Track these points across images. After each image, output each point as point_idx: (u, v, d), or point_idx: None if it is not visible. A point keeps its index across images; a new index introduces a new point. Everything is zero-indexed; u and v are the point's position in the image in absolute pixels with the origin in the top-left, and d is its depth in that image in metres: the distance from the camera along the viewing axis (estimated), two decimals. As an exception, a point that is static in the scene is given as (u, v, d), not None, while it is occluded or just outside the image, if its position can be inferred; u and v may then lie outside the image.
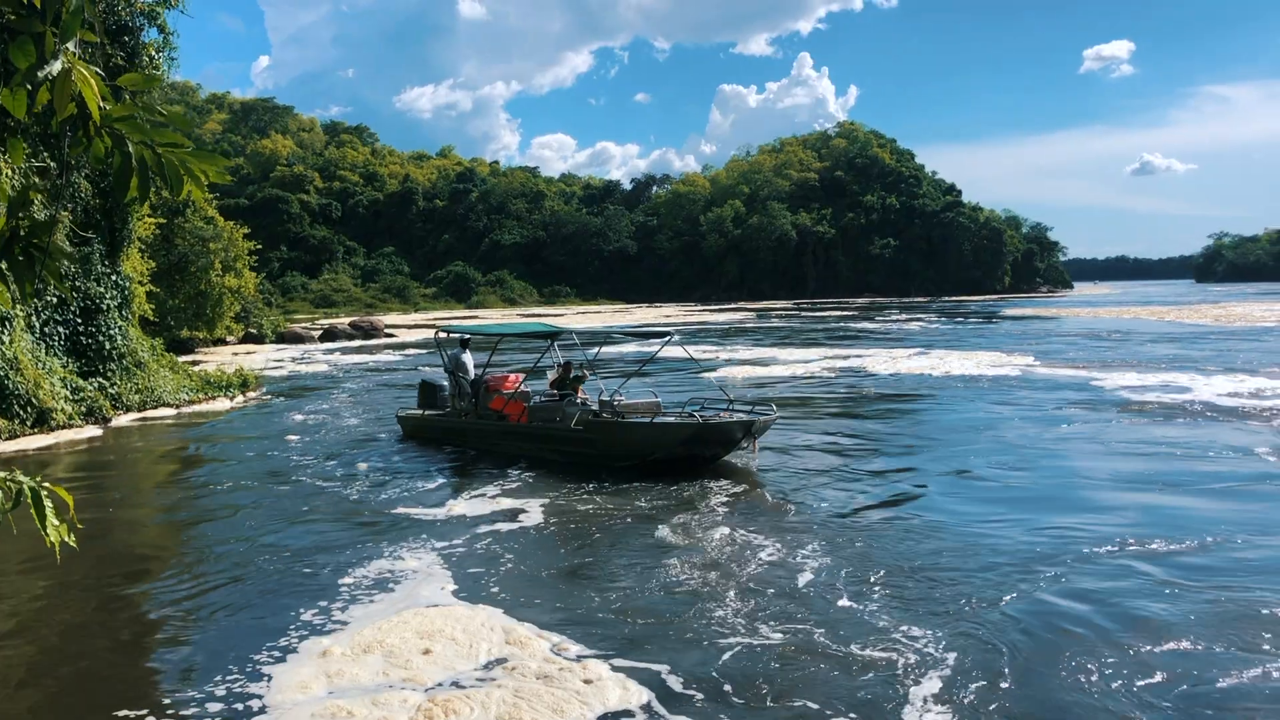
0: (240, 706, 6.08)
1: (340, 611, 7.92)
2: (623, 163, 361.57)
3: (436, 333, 19.54)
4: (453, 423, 17.20)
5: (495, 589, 8.56)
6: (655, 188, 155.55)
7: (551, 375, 17.10)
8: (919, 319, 68.23)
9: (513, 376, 17.51)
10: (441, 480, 14.01)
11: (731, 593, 8.26)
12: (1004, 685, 6.25)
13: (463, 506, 11.98)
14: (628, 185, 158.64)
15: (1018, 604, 7.80)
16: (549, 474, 14.10)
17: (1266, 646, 6.84)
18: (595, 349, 18.13)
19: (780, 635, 7.17)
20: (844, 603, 7.89)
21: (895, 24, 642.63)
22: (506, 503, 12.19)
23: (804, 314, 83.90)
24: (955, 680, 6.33)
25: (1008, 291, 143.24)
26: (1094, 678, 6.35)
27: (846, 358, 34.45)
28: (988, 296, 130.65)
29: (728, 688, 6.29)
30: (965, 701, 6.01)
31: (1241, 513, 10.95)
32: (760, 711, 5.95)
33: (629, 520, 11.19)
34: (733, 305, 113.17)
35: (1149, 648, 6.84)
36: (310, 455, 16.20)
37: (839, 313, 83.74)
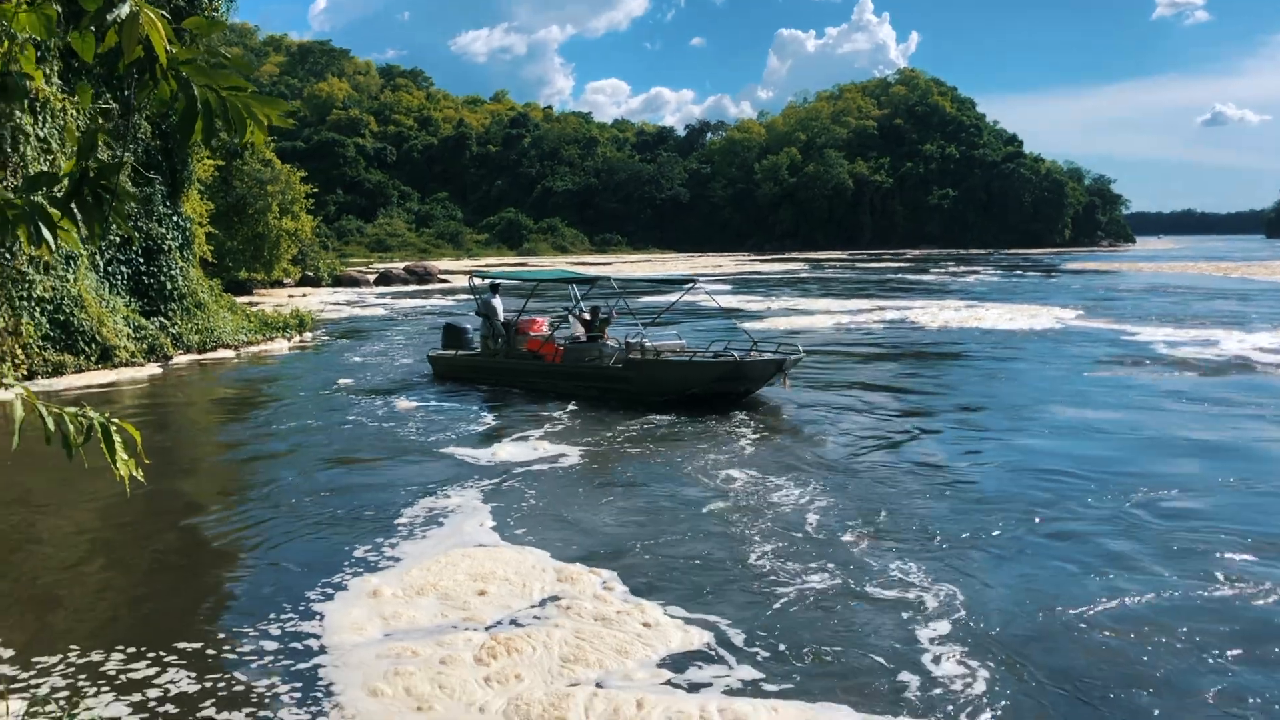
0: (299, 646, 6.15)
1: (390, 549, 8.05)
2: (677, 109, 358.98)
3: (470, 277, 20.35)
4: (488, 362, 17.90)
5: (539, 530, 8.69)
6: (709, 134, 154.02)
7: (575, 321, 17.68)
8: (975, 271, 67.32)
9: (539, 320, 18.52)
10: (485, 421, 14.25)
11: (767, 535, 8.36)
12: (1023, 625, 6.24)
13: (506, 448, 12.16)
14: (681, 132, 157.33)
15: (1014, 538, 7.77)
16: (586, 415, 14.44)
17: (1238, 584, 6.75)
18: (618, 300, 18.81)
19: (817, 580, 7.20)
20: (866, 544, 7.91)
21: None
22: (547, 444, 12.38)
23: (858, 265, 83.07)
24: (969, 621, 6.33)
25: (1068, 245, 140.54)
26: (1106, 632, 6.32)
27: (895, 309, 34.34)
28: (1047, 250, 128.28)
29: (776, 633, 6.34)
30: (985, 640, 6.01)
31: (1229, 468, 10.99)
32: (808, 658, 5.99)
33: (663, 463, 11.37)
34: (786, 255, 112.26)
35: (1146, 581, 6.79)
36: (362, 394, 16.47)
37: (894, 264, 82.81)
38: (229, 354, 22.09)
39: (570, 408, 15.07)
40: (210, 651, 6.06)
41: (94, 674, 5.70)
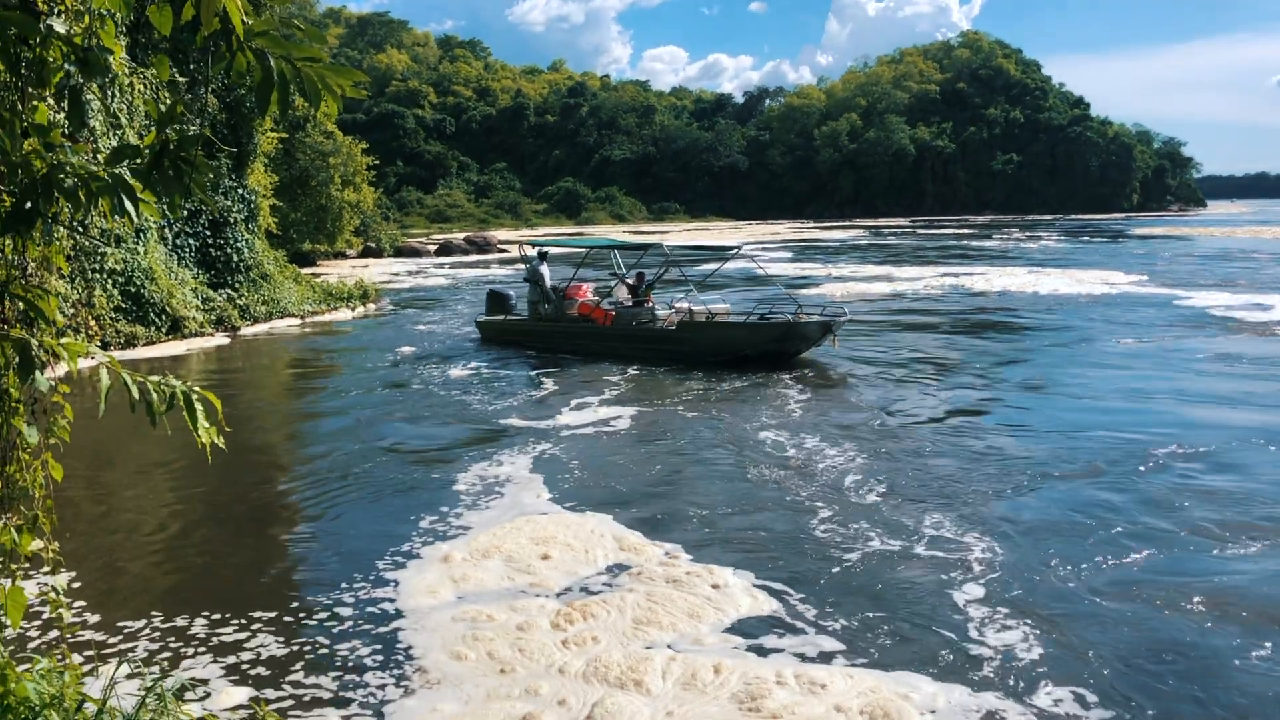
0: (376, 610, 6.29)
1: (455, 518, 8.18)
2: (735, 75, 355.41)
3: (520, 246, 21.02)
4: (539, 326, 18.50)
5: (597, 496, 8.84)
6: (768, 101, 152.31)
7: (618, 287, 18.39)
8: (1038, 237, 66.06)
9: (585, 286, 18.98)
10: (539, 388, 14.53)
11: (820, 500, 8.45)
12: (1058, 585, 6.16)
13: (562, 415, 12.42)
14: (739, 99, 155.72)
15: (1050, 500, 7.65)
16: (636, 380, 14.94)
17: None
18: (665, 267, 19.61)
19: (876, 545, 7.17)
20: (915, 508, 7.84)
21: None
22: (603, 410, 12.64)
23: (920, 231, 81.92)
24: (1020, 591, 6.26)
25: (1136, 210, 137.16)
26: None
27: (952, 275, 34.23)
28: (1114, 215, 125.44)
29: (842, 600, 6.35)
30: (1039, 614, 5.94)
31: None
32: (875, 625, 5.98)
33: (714, 428, 11.60)
34: (846, 222, 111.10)
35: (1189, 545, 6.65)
36: (423, 362, 16.71)
37: (957, 231, 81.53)
38: (295, 324, 22.45)
39: (619, 372, 15.46)
40: (289, 618, 6.21)
41: (183, 638, 5.88)
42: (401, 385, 14.72)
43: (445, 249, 57.38)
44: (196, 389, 2.76)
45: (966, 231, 79.59)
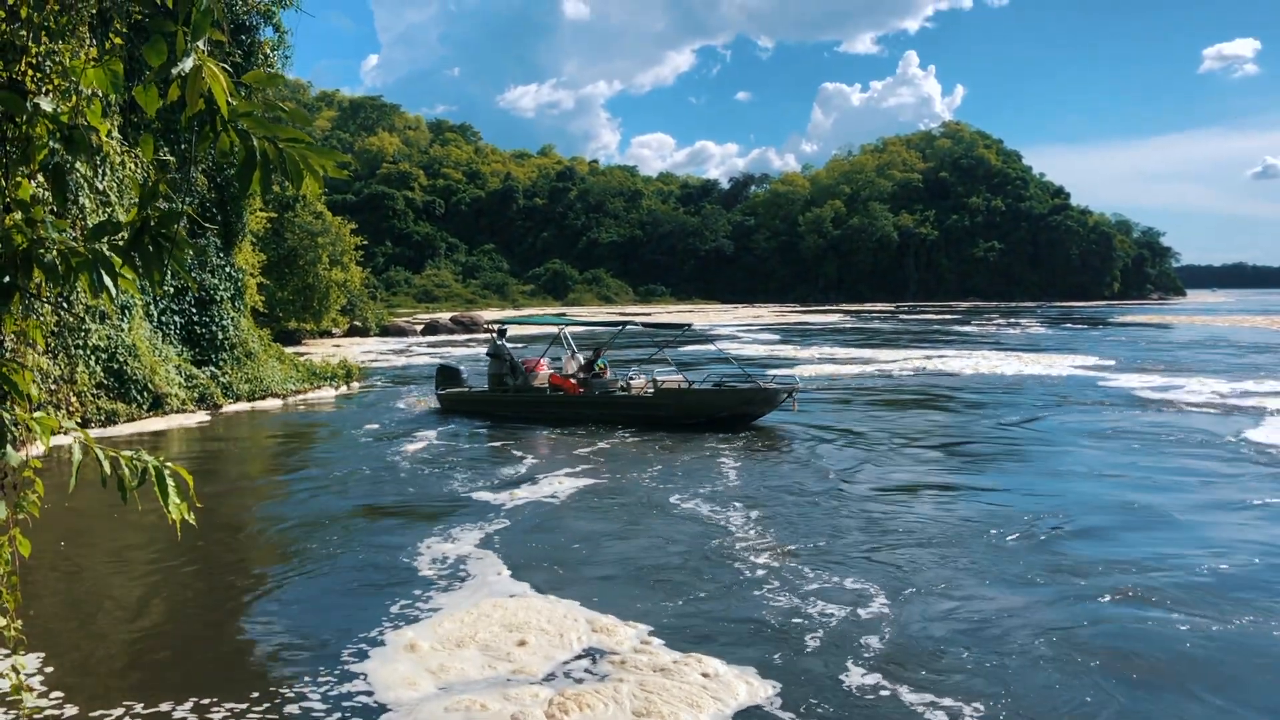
0: (356, 704, 6.07)
1: (422, 603, 7.97)
2: (721, 162, 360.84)
3: (487, 324, 22.39)
4: (507, 396, 19.77)
5: (562, 575, 8.78)
6: (754, 187, 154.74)
7: (568, 362, 20.14)
8: (1019, 324, 66.74)
9: (542, 361, 20.57)
10: (508, 461, 14.86)
11: (786, 580, 8.37)
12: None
13: (525, 490, 12.60)
14: (726, 184, 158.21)
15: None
16: (600, 451, 15.49)
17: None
18: (606, 346, 21.99)
19: (843, 622, 7.09)
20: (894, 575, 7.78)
21: (1005, 23, 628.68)
22: (564, 483, 13.01)
23: (901, 316, 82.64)
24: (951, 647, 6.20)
25: (1116, 298, 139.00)
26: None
27: (920, 358, 35.33)
28: (1096, 302, 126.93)
29: (835, 687, 6.25)
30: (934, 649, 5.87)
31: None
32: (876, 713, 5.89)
33: (673, 498, 11.94)
34: (830, 307, 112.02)
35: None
36: (399, 441, 16.64)
37: (938, 316, 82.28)
38: (277, 403, 22.36)
39: (583, 443, 16.27)
40: (269, 713, 5.95)
41: None
42: (374, 464, 14.65)
43: (431, 328, 57.57)
44: (169, 465, 2.74)
45: (948, 317, 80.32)
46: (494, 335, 21.28)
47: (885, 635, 7.21)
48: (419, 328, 57.59)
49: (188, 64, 2.36)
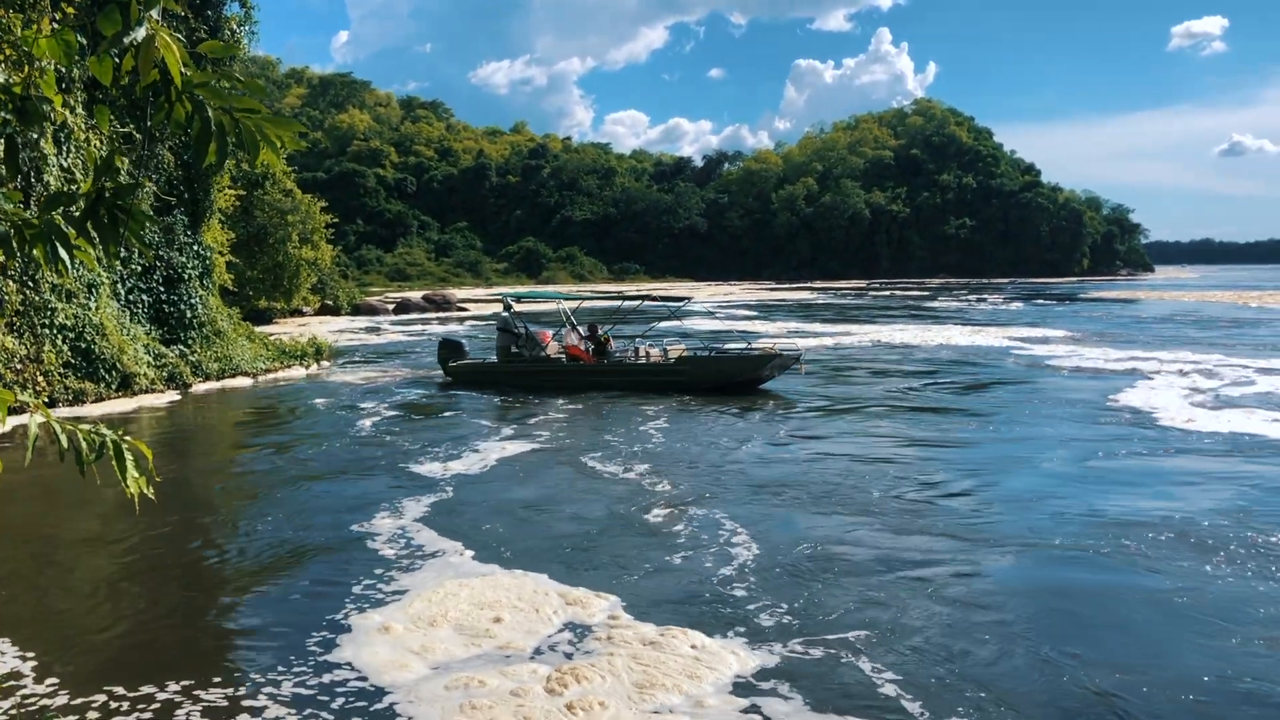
0: (353, 688, 6.01)
1: (384, 584, 7.90)
2: (695, 139, 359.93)
3: (504, 298, 22.62)
4: (522, 366, 20.52)
5: (526, 550, 8.81)
6: (727, 165, 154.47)
7: (569, 333, 21.09)
8: (984, 299, 67.36)
9: (548, 333, 21.30)
10: (477, 440, 14.82)
11: (748, 558, 8.37)
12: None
13: (484, 463, 12.84)
14: (699, 162, 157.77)
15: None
16: (570, 431, 15.73)
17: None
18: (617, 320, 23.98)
19: (806, 593, 7.17)
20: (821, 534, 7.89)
21: (977, 0, 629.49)
22: (525, 455, 13.39)
23: (872, 293, 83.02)
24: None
25: (1086, 274, 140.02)
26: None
27: (878, 332, 37.11)
28: (1065, 279, 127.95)
29: (820, 655, 6.32)
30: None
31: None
32: (865, 683, 5.96)
33: (620, 469, 12.32)
34: (803, 284, 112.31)
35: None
36: (371, 420, 16.64)
37: (906, 293, 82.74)
38: (247, 381, 22.22)
39: (546, 419, 16.69)
40: (258, 699, 5.87)
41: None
42: (344, 443, 14.62)
43: (403, 307, 57.26)
44: (128, 439, 2.73)
45: (917, 293, 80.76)
46: (502, 309, 22.13)
47: (853, 604, 7.29)
48: (391, 306, 57.27)
49: (140, 32, 2.33)
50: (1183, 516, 9.85)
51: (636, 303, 23.57)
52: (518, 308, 22.16)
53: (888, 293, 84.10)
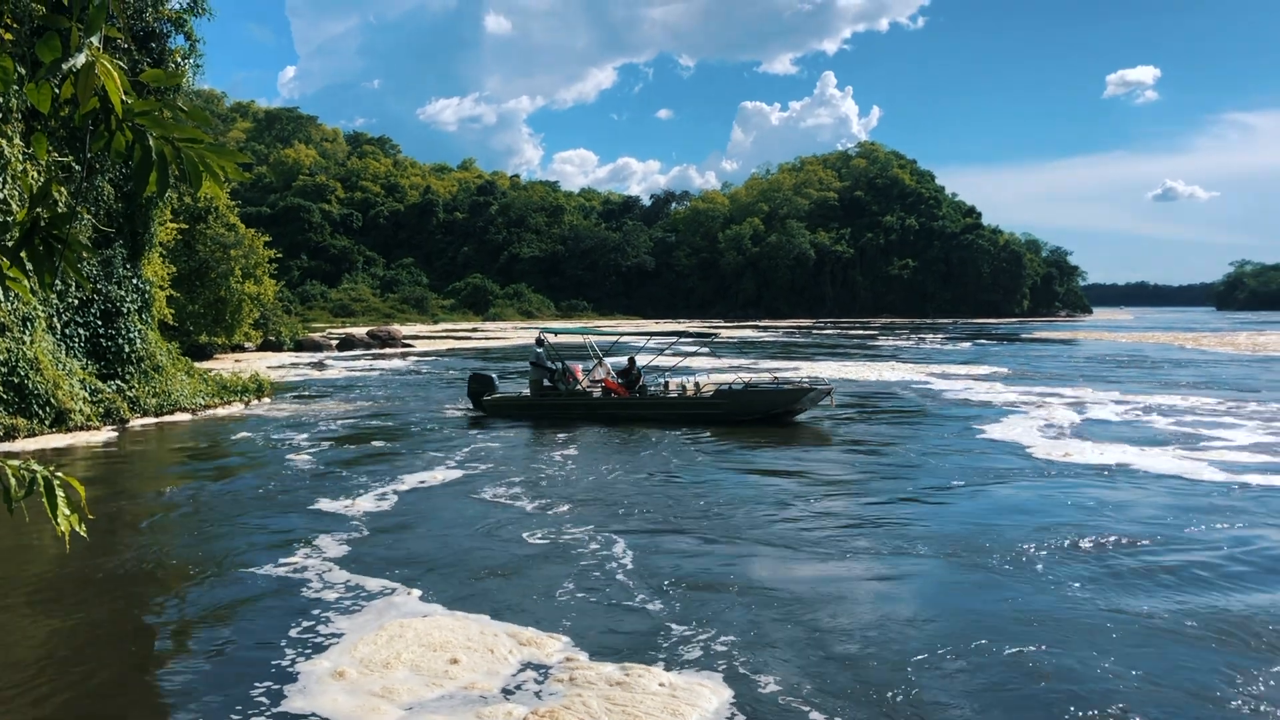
0: None
1: (323, 626, 7.70)
2: (643, 179, 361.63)
3: (540, 334, 22.88)
4: (560, 400, 21.18)
5: (464, 590, 8.67)
6: (675, 204, 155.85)
7: (596, 367, 21.92)
8: (923, 339, 68.47)
9: (578, 367, 21.89)
10: (409, 473, 14.76)
11: (678, 591, 8.30)
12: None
13: (415, 499, 12.71)
14: (647, 201, 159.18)
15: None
16: (494, 465, 15.64)
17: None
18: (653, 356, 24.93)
19: (747, 619, 7.15)
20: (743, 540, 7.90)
21: (920, 46, 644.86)
22: (455, 485, 13.54)
23: (815, 332, 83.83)
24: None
25: (1026, 315, 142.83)
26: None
27: (811, 368, 37.93)
28: (1006, 319, 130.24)
29: (791, 684, 6.28)
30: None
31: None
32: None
33: (556, 512, 11.97)
34: (749, 323, 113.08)
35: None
36: (306, 456, 16.37)
37: (850, 332, 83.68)
38: (186, 417, 21.79)
39: (467, 445, 16.81)
40: None
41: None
42: (276, 481, 14.32)
43: (347, 343, 56.66)
44: (60, 475, 2.65)
45: (859, 333, 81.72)
46: (535, 344, 22.40)
47: (800, 633, 7.27)
48: (335, 342, 56.63)
49: (79, 59, 2.29)
50: (1034, 530, 10.85)
51: (672, 339, 24.37)
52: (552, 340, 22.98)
53: (831, 331, 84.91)
